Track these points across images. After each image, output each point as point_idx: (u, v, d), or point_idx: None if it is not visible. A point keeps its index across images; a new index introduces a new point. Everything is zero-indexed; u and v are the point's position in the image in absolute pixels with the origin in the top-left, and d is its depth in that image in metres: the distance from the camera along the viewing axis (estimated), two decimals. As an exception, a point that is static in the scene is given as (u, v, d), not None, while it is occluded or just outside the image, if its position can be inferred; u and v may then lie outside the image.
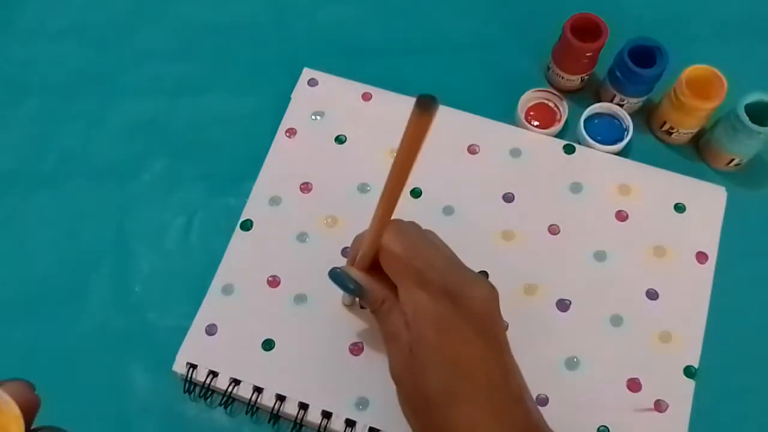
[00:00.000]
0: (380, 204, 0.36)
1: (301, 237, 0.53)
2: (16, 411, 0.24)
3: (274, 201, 0.55)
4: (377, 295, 0.41)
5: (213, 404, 0.50)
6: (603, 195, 0.54)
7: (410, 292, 0.39)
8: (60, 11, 0.64)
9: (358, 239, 0.44)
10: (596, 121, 0.58)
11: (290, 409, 0.48)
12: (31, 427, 0.26)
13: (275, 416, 0.48)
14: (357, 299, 0.48)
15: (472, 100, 0.57)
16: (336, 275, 0.43)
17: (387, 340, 0.41)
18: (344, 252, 0.52)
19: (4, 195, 0.57)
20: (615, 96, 0.57)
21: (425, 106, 0.28)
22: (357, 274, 0.42)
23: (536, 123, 0.58)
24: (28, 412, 0.25)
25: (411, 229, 0.42)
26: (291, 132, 0.57)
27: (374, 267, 0.41)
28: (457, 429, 0.36)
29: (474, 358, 0.37)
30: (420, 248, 0.40)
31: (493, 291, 0.39)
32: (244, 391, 0.48)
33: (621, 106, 0.57)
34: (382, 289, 0.41)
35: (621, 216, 0.54)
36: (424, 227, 0.43)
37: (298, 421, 0.48)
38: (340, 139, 0.57)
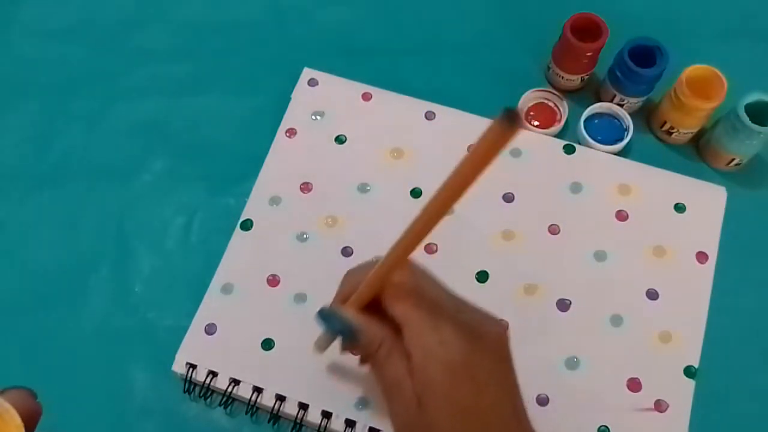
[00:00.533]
0: (406, 236, 0.33)
1: (301, 237, 0.53)
2: (17, 420, 0.24)
3: (274, 201, 0.55)
4: (375, 336, 0.36)
5: (213, 404, 0.50)
6: (603, 195, 0.54)
7: (420, 333, 0.35)
8: (60, 11, 0.64)
9: (350, 275, 0.40)
10: (596, 121, 0.58)
11: (290, 409, 0.48)
12: None
13: (275, 416, 0.48)
14: (331, 344, 0.43)
15: (472, 100, 0.57)
16: (326, 316, 0.38)
17: (388, 392, 0.36)
18: (344, 252, 0.52)
19: (4, 195, 0.57)
20: (615, 96, 0.57)
21: (510, 119, 0.27)
22: (352, 314, 0.37)
23: (536, 123, 0.58)
24: (30, 421, 0.25)
25: (420, 268, 0.39)
26: (291, 132, 0.57)
27: (367, 308, 0.37)
28: None
29: (489, 407, 0.35)
30: (432, 286, 0.37)
31: (505, 329, 0.37)
32: (244, 391, 0.48)
33: (621, 106, 0.57)
34: (380, 329, 0.36)
35: (621, 216, 0.54)
36: None
37: (298, 421, 0.48)
38: (340, 139, 0.57)
